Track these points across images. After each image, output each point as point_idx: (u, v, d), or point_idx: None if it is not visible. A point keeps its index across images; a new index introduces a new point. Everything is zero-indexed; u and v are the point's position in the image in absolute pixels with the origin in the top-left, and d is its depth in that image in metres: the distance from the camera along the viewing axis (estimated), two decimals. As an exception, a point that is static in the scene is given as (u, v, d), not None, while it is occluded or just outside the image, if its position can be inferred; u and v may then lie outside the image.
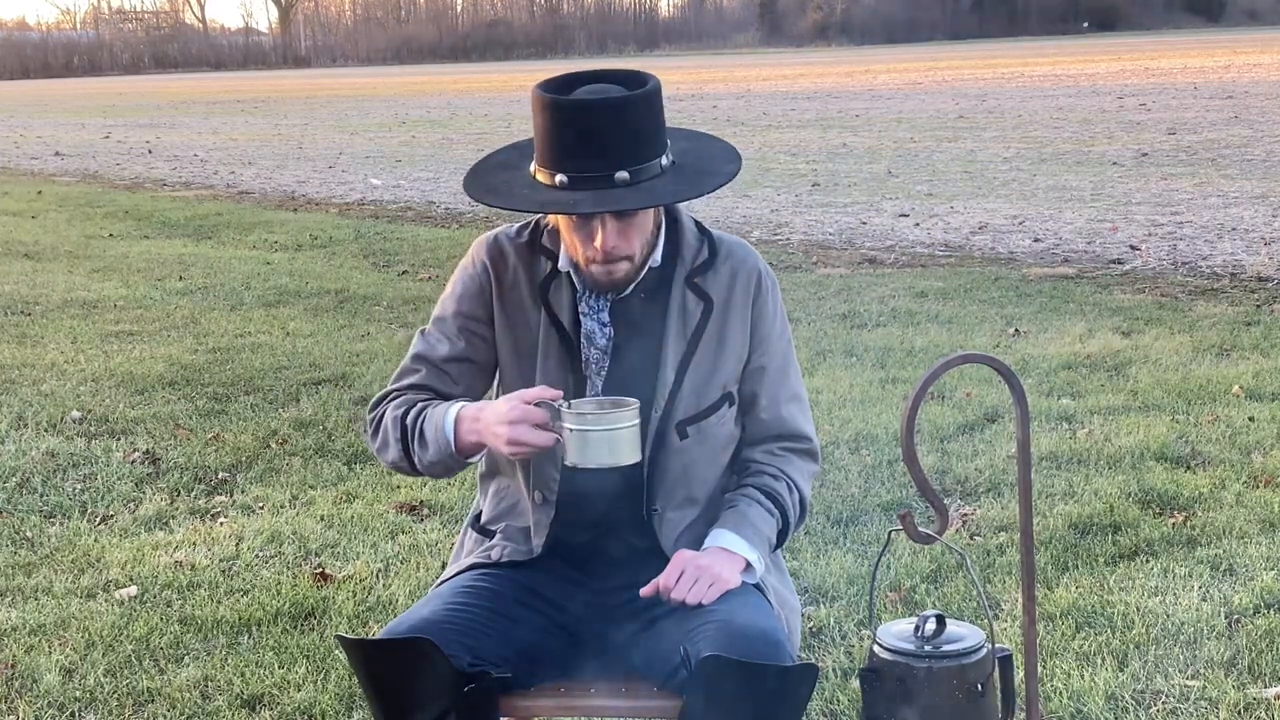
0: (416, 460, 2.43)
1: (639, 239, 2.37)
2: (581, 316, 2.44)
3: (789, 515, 2.50)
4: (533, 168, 2.33)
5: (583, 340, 2.44)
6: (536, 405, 2.27)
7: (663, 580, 2.34)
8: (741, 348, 2.48)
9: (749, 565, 2.42)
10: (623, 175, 2.24)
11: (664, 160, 2.30)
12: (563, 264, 2.45)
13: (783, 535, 2.51)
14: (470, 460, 2.42)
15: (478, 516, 2.62)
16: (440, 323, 2.51)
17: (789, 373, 2.54)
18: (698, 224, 2.52)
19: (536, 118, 2.30)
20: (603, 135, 2.24)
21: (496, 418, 2.29)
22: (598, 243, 2.32)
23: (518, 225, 2.54)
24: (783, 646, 2.26)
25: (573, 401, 2.30)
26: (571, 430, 2.24)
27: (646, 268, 2.44)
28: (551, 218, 2.46)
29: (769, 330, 2.50)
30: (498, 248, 2.50)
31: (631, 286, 2.44)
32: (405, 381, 2.51)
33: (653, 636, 2.39)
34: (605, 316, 2.44)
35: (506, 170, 2.42)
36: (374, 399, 2.55)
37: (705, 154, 2.42)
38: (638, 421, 2.26)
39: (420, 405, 2.44)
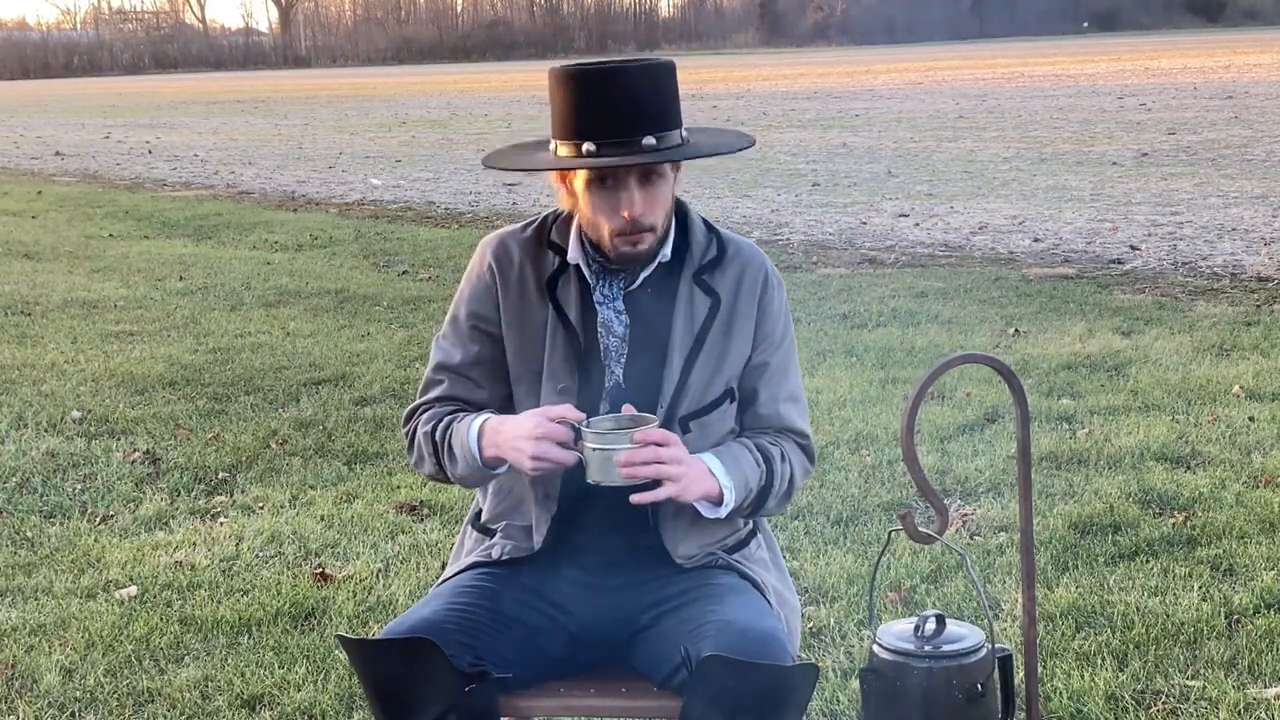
0: (450, 474, 2.46)
1: (662, 210, 2.39)
2: (597, 306, 2.45)
3: (774, 478, 2.44)
4: (553, 146, 2.36)
5: (600, 329, 2.44)
6: (559, 423, 2.27)
7: (642, 437, 2.25)
8: (746, 345, 2.48)
9: (719, 502, 2.38)
10: (649, 140, 2.29)
11: (683, 133, 2.36)
12: (572, 256, 2.45)
13: (763, 496, 2.44)
14: (497, 472, 2.43)
15: (478, 515, 2.62)
16: (454, 326, 2.53)
17: (789, 372, 2.54)
18: (706, 223, 2.53)
19: (559, 94, 2.32)
20: (629, 102, 2.28)
21: (520, 432, 2.30)
22: (625, 211, 2.34)
23: (524, 223, 2.55)
24: (783, 647, 2.26)
25: (592, 420, 2.30)
26: (594, 449, 2.25)
27: (656, 261, 2.44)
28: (566, 205, 2.46)
29: (772, 328, 2.51)
30: (503, 247, 2.50)
31: (642, 278, 2.44)
32: (432, 394, 2.52)
33: (653, 636, 2.39)
34: (620, 304, 2.45)
35: (523, 152, 2.48)
36: (406, 412, 2.57)
37: (718, 133, 2.50)
38: None
39: (447, 419, 2.46)
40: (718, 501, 2.38)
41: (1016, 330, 7.44)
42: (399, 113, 34.22)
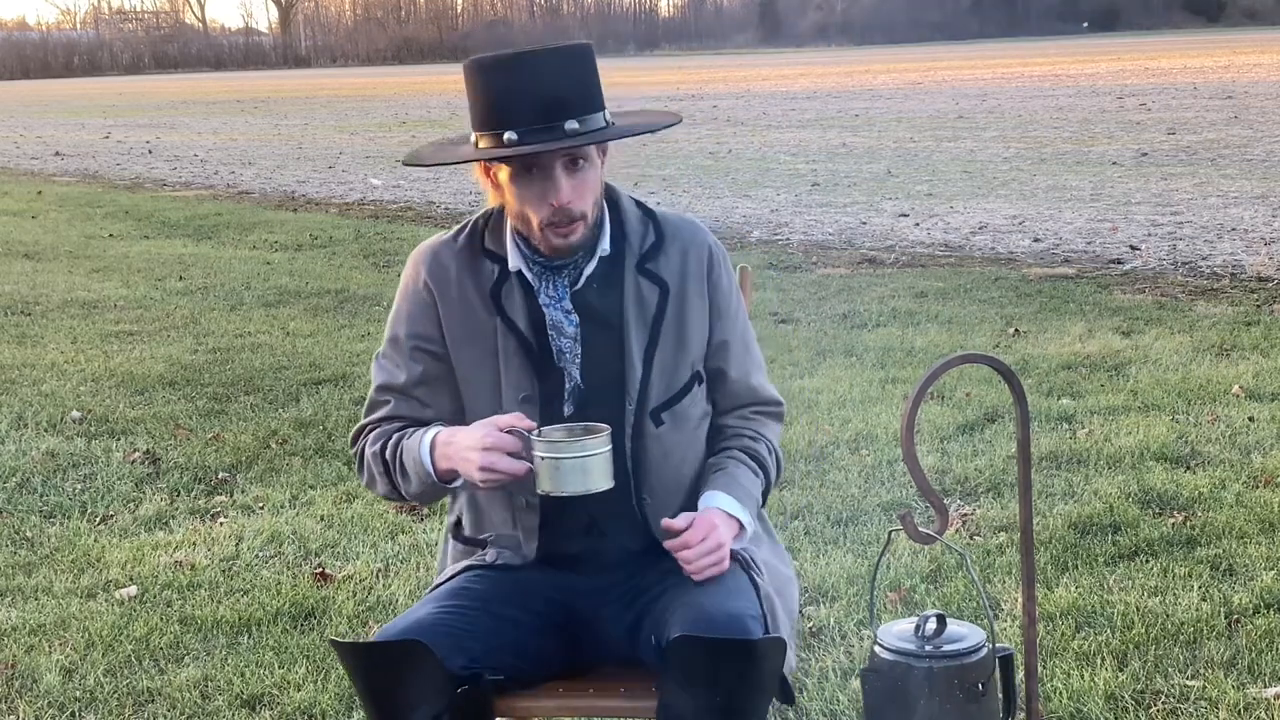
0: (404, 492, 2.44)
1: (591, 197, 2.36)
2: (544, 309, 2.41)
3: (770, 475, 2.54)
4: (473, 140, 2.32)
5: (550, 332, 2.41)
6: (508, 432, 2.26)
7: (687, 535, 2.33)
8: (703, 327, 2.47)
9: (741, 529, 2.43)
10: (572, 125, 2.25)
11: (606, 115, 2.33)
12: (513, 264, 2.41)
13: (765, 495, 2.54)
14: (452, 485, 2.41)
15: (457, 523, 2.57)
16: (394, 346, 2.48)
17: (750, 342, 2.56)
18: (640, 205, 2.49)
19: (477, 85, 2.29)
20: (548, 87, 2.25)
21: (470, 443, 2.28)
22: (553, 200, 2.30)
23: (454, 230, 2.49)
24: (747, 624, 2.25)
25: (543, 429, 2.28)
26: (543, 458, 2.23)
27: (597, 257, 2.42)
28: (493, 200, 2.42)
29: (725, 305, 2.50)
30: (436, 260, 2.45)
31: (585, 277, 2.41)
32: (377, 414, 2.49)
33: (645, 625, 2.38)
34: (568, 304, 2.41)
35: (445, 149, 2.44)
36: (352, 434, 2.54)
37: (645, 114, 2.47)
38: (609, 447, 2.26)
39: (397, 436, 2.43)
40: (739, 529, 2.44)
41: (1016, 330, 7.44)
42: (399, 113, 34.21)
